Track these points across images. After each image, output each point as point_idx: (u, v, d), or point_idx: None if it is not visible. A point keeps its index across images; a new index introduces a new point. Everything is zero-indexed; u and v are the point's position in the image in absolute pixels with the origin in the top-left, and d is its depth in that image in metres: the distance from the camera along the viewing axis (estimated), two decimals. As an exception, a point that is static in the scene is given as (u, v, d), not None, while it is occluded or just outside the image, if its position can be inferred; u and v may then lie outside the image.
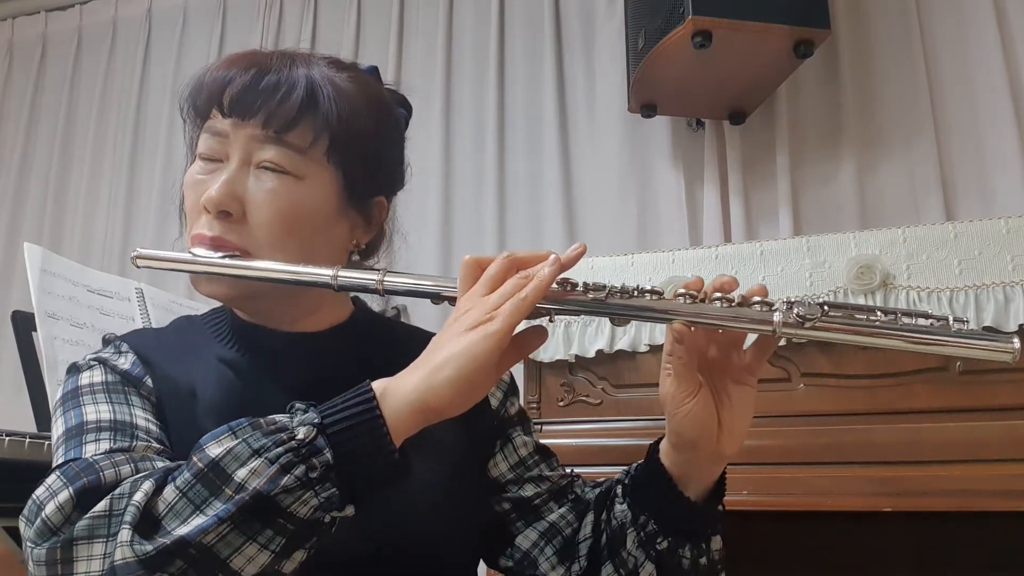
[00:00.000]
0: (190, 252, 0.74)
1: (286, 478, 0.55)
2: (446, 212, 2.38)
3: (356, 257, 0.83)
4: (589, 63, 2.35)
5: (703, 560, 0.74)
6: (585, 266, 1.57)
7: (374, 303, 0.90)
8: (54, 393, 0.99)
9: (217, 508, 0.55)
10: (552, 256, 0.65)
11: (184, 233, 0.78)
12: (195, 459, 0.57)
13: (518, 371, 1.64)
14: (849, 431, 1.33)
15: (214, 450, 0.57)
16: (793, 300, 0.63)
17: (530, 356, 1.57)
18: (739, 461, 1.33)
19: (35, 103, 3.05)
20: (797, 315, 0.62)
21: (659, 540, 0.73)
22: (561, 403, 1.55)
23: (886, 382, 1.36)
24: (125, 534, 0.55)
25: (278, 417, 0.60)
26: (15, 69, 3.13)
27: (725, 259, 1.48)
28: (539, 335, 0.69)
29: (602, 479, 0.86)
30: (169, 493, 0.56)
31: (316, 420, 0.58)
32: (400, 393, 0.60)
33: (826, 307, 0.62)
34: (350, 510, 0.59)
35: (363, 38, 2.65)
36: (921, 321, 0.62)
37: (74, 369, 0.76)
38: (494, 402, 0.87)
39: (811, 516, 1.27)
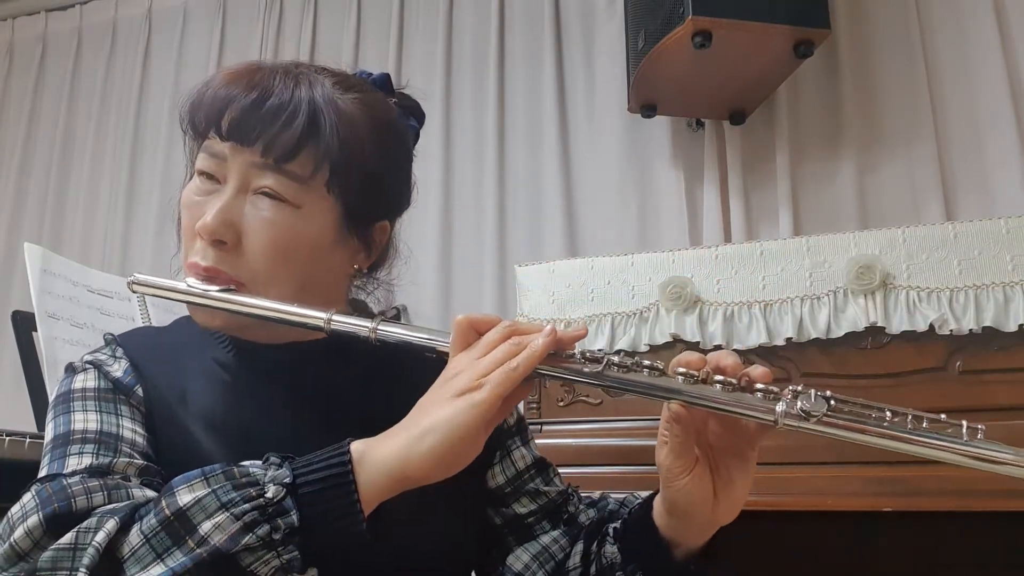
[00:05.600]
0: (185, 282, 0.73)
1: (248, 537, 0.56)
2: (446, 212, 2.38)
3: (355, 280, 0.83)
4: (589, 63, 2.35)
5: None
6: (585, 266, 1.57)
7: (376, 306, 0.89)
8: (54, 393, 1.00)
9: (177, 559, 0.55)
10: (549, 327, 0.64)
11: (180, 251, 0.78)
12: (163, 504, 0.58)
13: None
14: (849, 431, 1.33)
15: (183, 497, 0.57)
16: (799, 389, 0.61)
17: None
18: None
19: (35, 103, 3.05)
20: (801, 409, 0.60)
21: None
22: (561, 403, 1.54)
23: (886, 382, 1.36)
24: None
25: (252, 467, 0.60)
26: (15, 69, 3.13)
27: (725, 259, 1.48)
28: (524, 389, 0.67)
29: (597, 493, 0.85)
30: (134, 536, 0.57)
31: (288, 479, 0.58)
32: (379, 459, 0.60)
33: (832, 401, 0.61)
34: (312, 573, 0.59)
35: (363, 39, 2.65)
36: (932, 424, 0.59)
37: (70, 370, 0.77)
38: None
39: (811, 516, 1.26)
